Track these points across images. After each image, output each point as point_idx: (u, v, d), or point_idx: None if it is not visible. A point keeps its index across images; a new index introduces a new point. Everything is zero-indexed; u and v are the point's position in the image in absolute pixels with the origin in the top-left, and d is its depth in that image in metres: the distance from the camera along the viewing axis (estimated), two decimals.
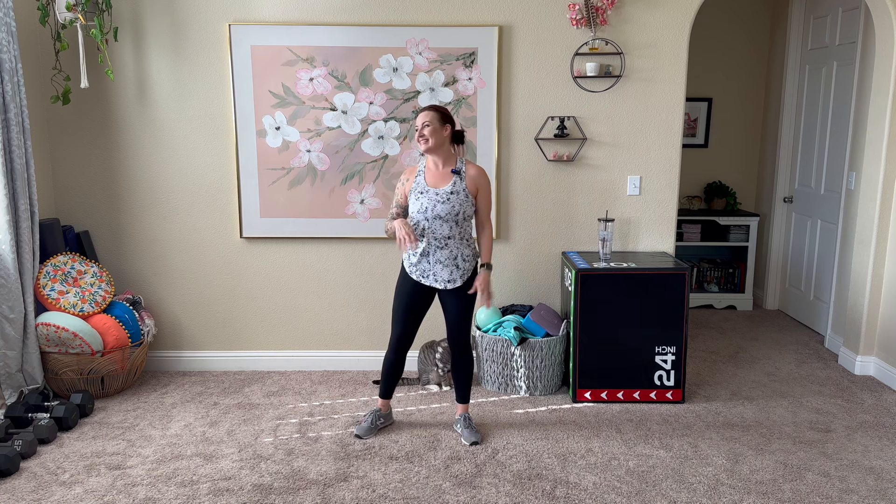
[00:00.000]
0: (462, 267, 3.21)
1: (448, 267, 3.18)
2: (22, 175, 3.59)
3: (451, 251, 3.17)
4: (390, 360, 3.40)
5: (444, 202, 3.12)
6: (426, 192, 3.15)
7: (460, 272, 3.21)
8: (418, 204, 3.15)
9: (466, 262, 3.22)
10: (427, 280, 3.22)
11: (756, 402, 3.82)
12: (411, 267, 3.24)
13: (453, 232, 3.15)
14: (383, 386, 3.45)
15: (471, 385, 3.43)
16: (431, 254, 3.17)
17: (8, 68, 3.46)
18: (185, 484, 2.95)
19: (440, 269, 3.19)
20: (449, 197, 3.13)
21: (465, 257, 3.21)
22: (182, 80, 4.02)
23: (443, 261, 3.17)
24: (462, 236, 3.20)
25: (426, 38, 3.95)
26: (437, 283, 3.21)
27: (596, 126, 4.06)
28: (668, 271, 3.67)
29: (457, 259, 3.19)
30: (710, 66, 5.66)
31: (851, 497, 2.86)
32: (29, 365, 3.68)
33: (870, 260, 4.11)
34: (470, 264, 3.24)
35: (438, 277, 3.20)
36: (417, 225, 3.17)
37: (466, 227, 3.22)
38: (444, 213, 3.11)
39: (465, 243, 3.21)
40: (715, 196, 5.69)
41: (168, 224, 4.17)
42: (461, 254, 3.20)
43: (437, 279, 3.20)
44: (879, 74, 4.03)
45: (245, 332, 4.30)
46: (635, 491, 2.90)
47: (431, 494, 2.87)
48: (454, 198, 3.13)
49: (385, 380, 3.44)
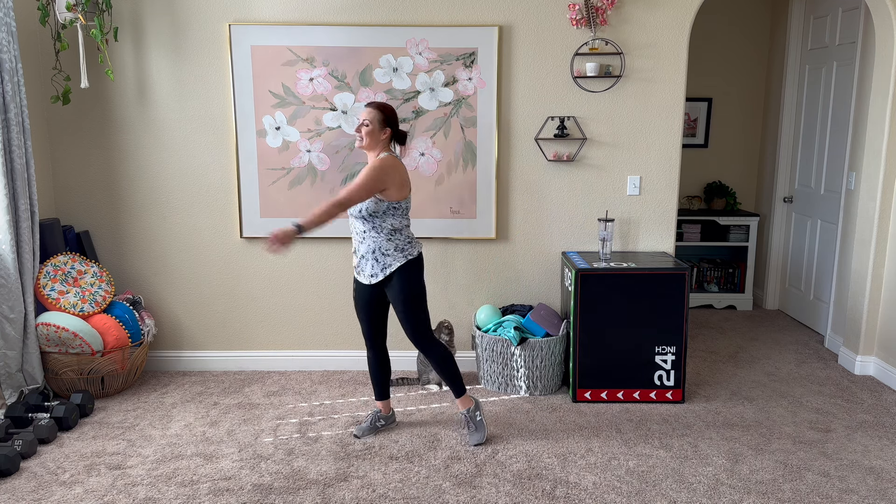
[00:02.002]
0: (382, 261, 3.16)
1: (369, 261, 3.19)
2: (22, 175, 3.59)
3: (368, 245, 3.17)
4: (370, 359, 3.42)
5: None
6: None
7: (380, 266, 3.17)
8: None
9: (387, 255, 3.15)
10: (360, 277, 3.26)
11: (756, 402, 3.82)
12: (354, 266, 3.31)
13: (366, 227, 3.15)
14: (375, 388, 3.45)
15: (456, 377, 3.29)
16: (357, 248, 3.23)
17: (8, 68, 3.46)
18: (185, 484, 2.95)
19: (364, 264, 3.21)
20: None
21: (385, 251, 3.16)
22: (182, 80, 4.02)
23: (365, 255, 3.20)
24: (379, 230, 3.14)
25: (426, 38, 3.95)
26: (363, 279, 3.24)
27: (596, 126, 4.06)
28: (668, 271, 3.67)
29: (375, 253, 3.16)
30: (710, 66, 5.66)
31: (851, 497, 2.86)
32: (29, 365, 3.68)
33: (870, 260, 4.11)
34: (392, 258, 3.15)
35: (364, 272, 3.23)
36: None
37: (380, 222, 3.12)
38: (352, 210, 3.15)
39: (384, 237, 3.15)
40: (715, 196, 5.69)
41: (168, 224, 4.17)
42: (380, 247, 3.16)
43: (363, 274, 3.23)
44: (879, 74, 4.03)
45: (245, 332, 4.30)
46: (635, 491, 2.90)
47: (431, 494, 2.87)
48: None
49: (373, 380, 3.44)
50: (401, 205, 3.15)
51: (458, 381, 3.32)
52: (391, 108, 3.19)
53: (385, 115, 3.14)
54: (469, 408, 3.36)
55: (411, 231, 3.41)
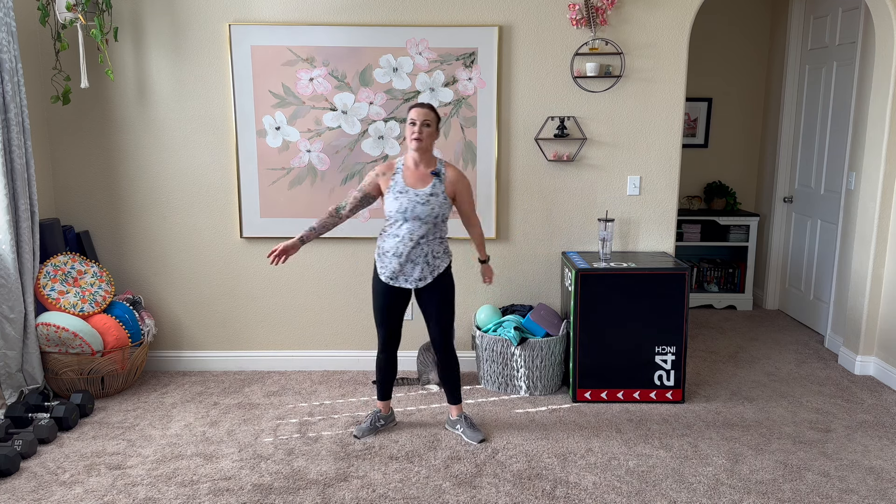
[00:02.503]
0: (433, 264, 3.18)
1: (419, 265, 3.16)
2: (22, 175, 3.59)
3: (422, 249, 3.14)
4: (382, 362, 3.39)
5: (423, 203, 3.10)
6: (406, 193, 3.11)
7: (430, 269, 3.17)
8: (397, 203, 3.10)
9: (437, 258, 3.19)
10: (396, 282, 3.19)
11: (756, 402, 3.82)
12: (382, 269, 3.20)
13: (427, 231, 3.13)
14: (380, 388, 3.45)
15: (461, 383, 3.43)
16: (405, 253, 3.14)
17: (8, 68, 3.46)
18: (185, 484, 2.95)
19: (410, 268, 3.16)
20: (429, 199, 3.10)
21: (437, 254, 3.19)
22: (182, 80, 4.02)
23: (414, 259, 3.15)
24: (436, 235, 3.17)
25: (426, 38, 3.95)
26: (408, 283, 3.19)
27: (596, 126, 4.06)
28: (668, 271, 3.67)
29: (427, 256, 3.16)
30: (710, 66, 5.66)
31: (851, 497, 2.86)
32: (29, 365, 3.68)
33: (870, 260, 4.11)
34: (441, 261, 3.20)
35: (409, 277, 3.18)
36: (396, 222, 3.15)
37: (442, 226, 3.20)
38: (424, 214, 3.09)
39: (437, 241, 3.18)
40: (715, 196, 5.69)
41: (168, 224, 4.17)
42: (432, 251, 3.17)
43: (408, 279, 3.18)
44: (879, 74, 4.03)
45: (245, 332, 4.30)
46: (635, 491, 2.90)
47: (431, 494, 2.87)
48: (433, 200, 3.11)
49: (381, 381, 3.43)
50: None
51: (460, 388, 3.42)
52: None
53: (437, 116, 3.17)
54: (462, 413, 3.43)
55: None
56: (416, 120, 3.09)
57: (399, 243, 3.13)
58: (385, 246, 3.18)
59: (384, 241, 3.19)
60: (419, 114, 3.09)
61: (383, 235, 3.21)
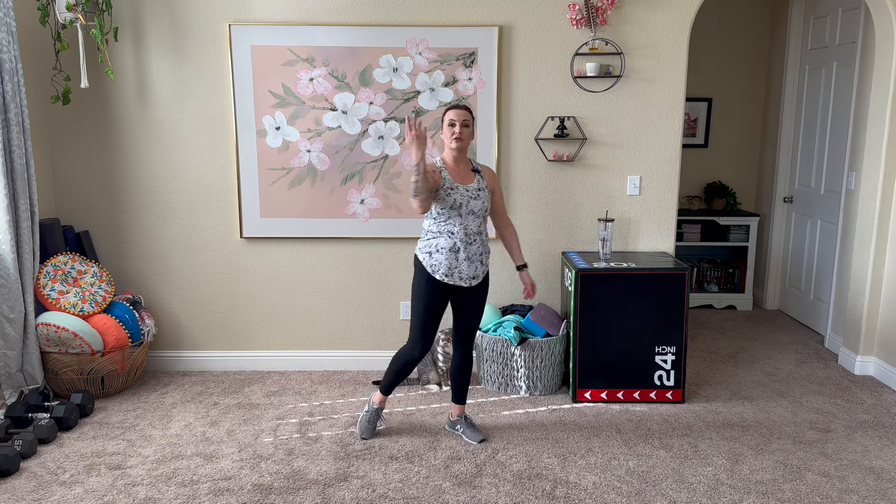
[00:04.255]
0: (485, 262, 3.22)
1: (474, 263, 3.16)
2: (22, 175, 3.59)
3: (478, 247, 3.16)
4: (408, 364, 3.23)
5: (475, 198, 3.11)
6: (456, 189, 3.08)
7: (483, 267, 3.21)
8: (451, 199, 3.07)
9: (487, 256, 3.24)
10: (451, 279, 3.12)
11: (756, 402, 3.82)
12: (433, 266, 3.10)
13: (481, 228, 3.17)
14: (391, 384, 3.31)
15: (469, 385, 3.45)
16: (464, 249, 3.10)
17: (8, 68, 3.46)
18: (185, 484, 2.95)
19: (466, 266, 3.13)
20: (478, 193, 3.13)
21: (487, 251, 3.24)
22: (182, 80, 4.02)
23: (470, 257, 3.14)
24: (485, 231, 3.23)
25: (426, 38, 3.95)
26: (462, 281, 3.14)
27: (596, 126, 4.06)
28: (668, 271, 3.67)
29: (482, 256, 3.19)
30: (710, 66, 5.66)
31: (851, 497, 2.86)
32: (29, 365, 3.68)
33: (870, 260, 4.11)
34: (488, 259, 3.26)
35: (465, 274, 3.13)
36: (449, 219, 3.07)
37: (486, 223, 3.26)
38: (478, 208, 3.12)
39: (486, 240, 3.23)
40: (715, 196, 5.68)
41: (168, 224, 4.17)
42: (485, 249, 3.21)
43: (464, 276, 3.13)
44: (879, 74, 4.03)
45: (245, 332, 4.30)
46: (635, 491, 2.90)
47: (431, 494, 2.87)
48: (482, 194, 3.15)
49: (395, 378, 3.28)
50: None
51: (468, 390, 3.44)
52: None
53: (474, 117, 3.20)
54: (464, 413, 3.43)
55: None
56: (455, 121, 3.09)
57: (457, 240, 3.09)
58: (441, 243, 3.10)
59: (438, 240, 3.11)
60: (458, 115, 3.09)
61: (433, 233, 3.12)
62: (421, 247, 3.17)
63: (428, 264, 3.13)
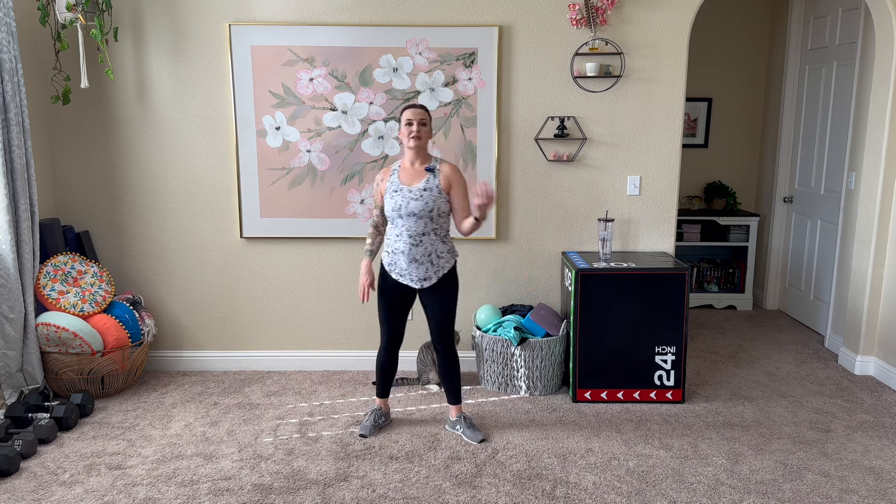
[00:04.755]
0: (437, 263, 3.19)
1: (423, 265, 3.17)
2: (22, 175, 3.59)
3: (425, 248, 3.15)
4: (384, 360, 3.41)
5: (417, 199, 3.12)
6: (400, 191, 3.16)
7: (435, 269, 3.19)
8: (392, 202, 3.15)
9: (441, 258, 3.19)
10: (403, 279, 3.21)
11: (756, 402, 3.82)
12: (389, 266, 3.24)
13: (427, 229, 3.14)
14: (381, 386, 3.47)
15: (460, 384, 3.42)
16: (408, 251, 3.15)
17: (8, 68, 3.46)
18: (185, 484, 2.95)
19: (415, 268, 3.17)
20: (422, 194, 3.13)
21: (440, 253, 3.19)
22: (182, 80, 4.02)
23: (418, 258, 3.16)
24: (437, 233, 3.18)
25: (426, 38, 3.95)
26: (413, 283, 3.20)
27: (596, 126, 4.06)
28: (668, 271, 3.67)
29: (431, 256, 3.17)
30: (710, 67, 5.66)
31: (851, 497, 2.86)
32: (29, 365, 3.68)
33: (870, 260, 4.11)
34: (446, 261, 3.21)
35: (414, 276, 3.19)
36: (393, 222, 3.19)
37: (442, 223, 3.19)
38: (418, 209, 3.11)
39: (440, 240, 3.19)
40: (715, 196, 5.69)
41: (168, 224, 4.17)
42: (436, 250, 3.18)
43: (413, 278, 3.19)
44: (879, 74, 4.03)
45: (245, 332, 4.30)
46: (635, 491, 2.90)
47: (431, 494, 2.87)
48: (427, 194, 3.13)
49: (381, 379, 3.45)
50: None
51: (460, 389, 3.43)
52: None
53: (429, 115, 3.23)
54: (462, 413, 3.43)
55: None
56: (412, 120, 3.13)
57: (401, 241, 3.16)
58: (391, 244, 3.21)
59: (389, 240, 3.23)
60: (415, 114, 3.14)
61: (389, 234, 3.25)
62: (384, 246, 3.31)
63: (385, 262, 3.27)
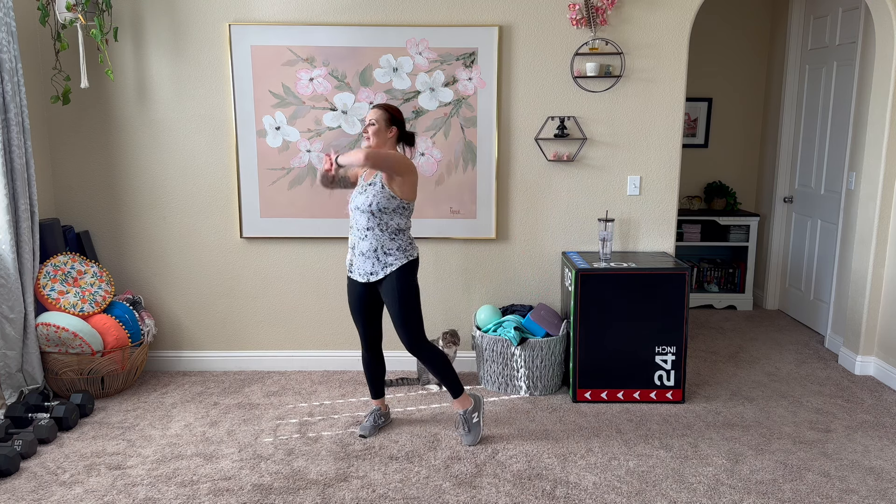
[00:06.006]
0: (383, 260, 3.16)
1: (369, 259, 3.17)
2: (22, 175, 3.59)
3: (370, 243, 3.16)
4: (366, 361, 3.42)
5: (361, 193, 3.17)
6: (359, 185, 3.24)
7: (381, 265, 3.17)
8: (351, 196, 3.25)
9: (389, 255, 3.16)
10: (353, 274, 3.25)
11: (756, 402, 3.82)
12: (348, 263, 3.29)
13: (371, 223, 3.14)
14: (371, 387, 3.47)
15: (453, 378, 3.27)
16: (356, 245, 3.20)
17: (8, 68, 3.46)
18: (185, 484, 2.95)
19: (362, 262, 3.19)
20: (366, 188, 3.16)
21: (387, 250, 3.16)
22: (182, 80, 4.02)
23: (365, 252, 3.18)
24: (383, 228, 3.14)
25: (426, 38, 3.95)
26: (360, 277, 3.22)
27: (596, 126, 4.06)
28: (668, 271, 3.67)
29: (377, 251, 3.16)
30: (710, 66, 5.66)
31: (851, 497, 2.86)
32: (29, 365, 3.68)
33: (870, 260, 4.11)
34: (394, 258, 3.15)
35: (361, 270, 3.20)
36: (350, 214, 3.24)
37: (388, 220, 3.13)
38: (361, 203, 3.14)
39: (387, 236, 3.15)
40: (715, 196, 5.69)
41: (168, 224, 4.17)
42: (382, 246, 3.16)
43: (360, 272, 3.21)
44: (879, 74, 4.03)
45: (245, 332, 4.30)
46: (635, 491, 2.90)
47: (431, 494, 2.87)
48: (370, 189, 3.14)
49: (369, 381, 3.46)
50: (410, 205, 3.19)
51: (456, 383, 3.30)
52: (396, 108, 3.26)
53: (390, 115, 3.20)
54: (466, 409, 3.33)
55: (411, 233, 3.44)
56: (365, 120, 3.24)
57: (352, 234, 3.24)
58: (349, 240, 3.29)
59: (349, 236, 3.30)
60: (368, 115, 3.21)
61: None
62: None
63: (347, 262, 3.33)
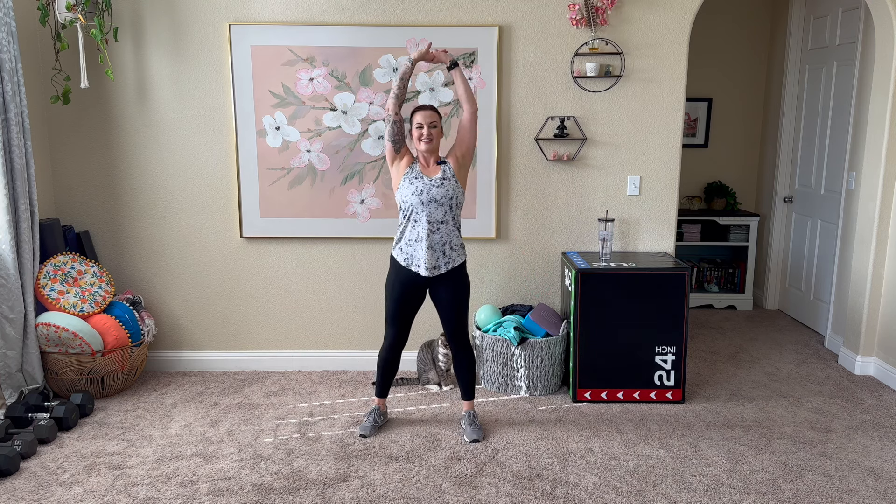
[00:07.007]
0: (449, 255, 3.22)
1: (437, 252, 3.19)
2: (22, 175, 3.59)
3: (441, 236, 3.19)
4: (387, 360, 3.43)
5: (438, 186, 3.19)
6: (420, 178, 3.21)
7: (446, 259, 3.22)
8: (413, 187, 3.19)
9: (454, 250, 3.24)
10: (413, 267, 3.23)
11: (756, 402, 3.82)
12: (405, 260, 3.24)
13: (447, 217, 3.20)
14: (381, 385, 3.48)
15: (475, 382, 3.44)
16: (424, 238, 3.18)
17: (8, 68, 3.46)
18: (185, 484, 2.95)
19: (429, 255, 3.19)
20: (443, 182, 3.20)
21: (454, 245, 3.24)
22: (182, 80, 4.02)
23: (434, 246, 3.19)
24: (454, 223, 3.24)
25: (426, 38, 3.94)
26: (424, 271, 3.21)
27: (596, 126, 4.06)
28: (668, 271, 3.67)
29: (445, 246, 3.21)
30: (710, 67, 5.66)
31: (851, 497, 2.86)
32: (29, 365, 3.68)
33: (870, 260, 4.11)
34: (457, 254, 3.26)
35: (428, 264, 3.20)
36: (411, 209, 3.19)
37: (457, 214, 3.26)
38: (440, 196, 3.17)
39: (455, 231, 3.25)
40: (715, 196, 5.68)
41: (168, 224, 4.17)
42: (450, 241, 3.22)
43: (427, 266, 3.20)
44: (879, 74, 4.03)
45: (245, 332, 4.30)
46: (635, 491, 2.90)
47: (431, 494, 2.87)
48: (447, 183, 3.21)
49: (382, 379, 3.47)
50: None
51: (474, 387, 3.47)
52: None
53: (440, 115, 3.29)
54: (471, 410, 3.46)
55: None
56: (423, 123, 3.21)
57: (419, 228, 3.19)
58: (407, 236, 3.23)
59: (404, 233, 3.24)
60: (425, 116, 3.21)
61: (402, 228, 3.25)
62: (394, 245, 3.32)
63: (395, 255, 3.29)
